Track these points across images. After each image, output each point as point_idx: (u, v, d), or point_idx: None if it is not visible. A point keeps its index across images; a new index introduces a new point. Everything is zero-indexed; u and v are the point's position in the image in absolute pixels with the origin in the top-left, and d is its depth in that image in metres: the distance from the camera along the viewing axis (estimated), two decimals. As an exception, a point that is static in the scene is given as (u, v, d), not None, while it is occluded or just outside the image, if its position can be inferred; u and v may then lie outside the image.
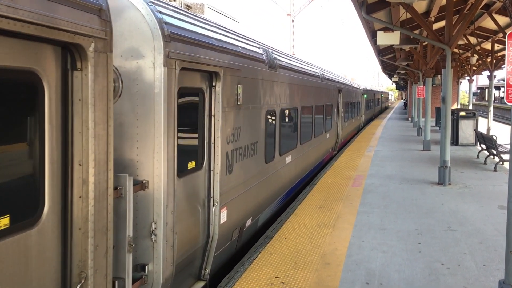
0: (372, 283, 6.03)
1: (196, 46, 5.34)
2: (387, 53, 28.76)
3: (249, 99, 7.19)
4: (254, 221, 7.96)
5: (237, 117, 6.70)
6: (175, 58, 4.80)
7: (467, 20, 12.42)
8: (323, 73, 14.97)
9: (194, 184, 5.62)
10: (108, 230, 3.64)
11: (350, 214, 9.30)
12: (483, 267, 6.63)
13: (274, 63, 8.75)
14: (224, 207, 6.23)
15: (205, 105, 5.85)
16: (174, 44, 4.82)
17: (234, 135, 6.57)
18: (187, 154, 5.45)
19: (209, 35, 5.86)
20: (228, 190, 6.38)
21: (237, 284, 5.91)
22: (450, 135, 13.73)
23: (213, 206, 6.01)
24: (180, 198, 5.19)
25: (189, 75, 5.39)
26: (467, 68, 31.49)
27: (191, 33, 5.33)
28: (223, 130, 6.12)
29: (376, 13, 15.09)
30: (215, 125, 5.98)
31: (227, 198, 6.34)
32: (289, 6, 49.34)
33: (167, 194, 4.76)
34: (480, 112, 45.19)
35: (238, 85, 6.65)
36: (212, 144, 5.96)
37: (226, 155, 6.26)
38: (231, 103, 6.40)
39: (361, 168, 14.92)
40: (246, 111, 7.09)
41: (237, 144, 6.72)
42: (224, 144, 6.17)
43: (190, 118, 5.59)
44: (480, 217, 9.20)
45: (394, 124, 36.41)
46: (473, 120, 21.40)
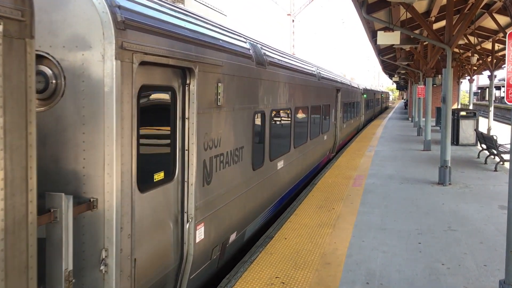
0: (373, 283, 6.02)
1: (162, 36, 4.57)
2: (387, 53, 28.75)
3: (232, 99, 6.46)
4: (240, 235, 7.23)
5: (217, 119, 5.95)
6: (132, 50, 4.03)
7: (467, 19, 12.41)
8: (320, 71, 14.43)
9: (163, 199, 4.85)
10: (30, 268, 2.94)
11: (351, 214, 9.30)
12: (484, 267, 6.62)
13: (263, 59, 7.99)
14: (201, 222, 5.52)
15: (177, 106, 5.10)
16: (130, 33, 4.05)
17: (213, 140, 5.83)
18: (153, 164, 4.71)
19: (180, 25, 5.09)
20: (206, 203, 5.65)
21: (237, 284, 5.91)
22: (451, 135, 13.73)
23: (187, 222, 5.26)
24: (144, 217, 4.44)
25: (155, 71, 4.63)
26: (468, 68, 31.47)
27: (155, 21, 4.53)
28: (199, 135, 5.38)
29: (376, 13, 15.07)
30: (189, 129, 5.22)
31: (205, 212, 5.62)
32: (289, 6, 49.36)
33: (121, 214, 3.97)
34: (481, 112, 45.14)
35: (218, 83, 5.90)
36: (185, 151, 5.23)
37: (203, 163, 5.54)
38: (209, 104, 5.66)
39: (362, 168, 14.91)
40: (229, 113, 6.35)
41: (218, 150, 5.98)
42: (200, 151, 5.43)
43: (158, 122, 4.83)
44: (480, 217, 9.19)
45: (395, 124, 36.40)
46: (473, 120, 21.38)
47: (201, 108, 5.41)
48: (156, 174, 4.72)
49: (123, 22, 3.96)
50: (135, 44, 4.08)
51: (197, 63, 5.25)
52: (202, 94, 5.44)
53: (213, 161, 5.85)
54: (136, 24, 4.16)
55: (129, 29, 4.04)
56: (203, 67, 5.42)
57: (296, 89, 10.59)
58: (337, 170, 14.51)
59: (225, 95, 6.16)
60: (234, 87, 6.50)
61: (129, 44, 3.99)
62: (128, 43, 3.98)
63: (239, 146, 6.83)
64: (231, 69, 6.36)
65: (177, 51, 4.80)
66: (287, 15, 49.39)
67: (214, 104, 5.82)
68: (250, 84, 7.25)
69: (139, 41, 4.15)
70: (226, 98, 6.19)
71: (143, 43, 4.20)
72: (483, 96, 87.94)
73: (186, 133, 5.20)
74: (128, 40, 3.99)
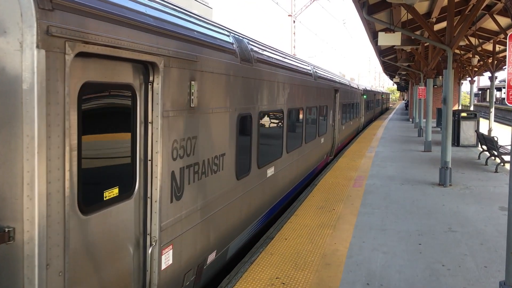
0: (373, 284, 6.02)
1: (113, 22, 3.71)
2: (388, 53, 28.76)
3: (210, 100, 5.63)
4: (221, 253, 6.43)
5: (191, 123, 5.15)
6: (64, 37, 3.18)
7: (468, 21, 12.41)
8: (317, 71, 13.78)
9: (118, 220, 4.04)
10: None
11: (351, 215, 9.30)
12: (484, 268, 6.62)
13: (250, 55, 7.19)
14: (168, 245, 4.72)
15: (138, 108, 4.28)
16: (61, 16, 3.20)
17: (185, 148, 5.04)
18: (102, 179, 3.87)
19: (140, 10, 4.24)
20: (176, 222, 4.87)
21: (238, 284, 5.91)
22: (451, 136, 13.73)
23: (150, 246, 4.45)
24: (89, 245, 3.65)
25: (106, 66, 3.80)
26: (468, 69, 31.48)
27: (102, 3, 3.66)
28: (166, 142, 4.61)
29: (377, 14, 15.08)
30: (152, 136, 4.43)
31: (174, 232, 4.84)
32: (290, 7, 49.34)
33: (48, 247, 3.15)
34: (481, 113, 45.14)
35: (191, 81, 5.11)
36: (148, 161, 4.42)
37: (171, 175, 4.75)
38: (180, 105, 4.88)
39: (362, 169, 14.91)
40: (206, 116, 5.53)
41: (191, 159, 5.19)
42: (168, 161, 4.65)
43: (111, 128, 3.96)
44: (481, 218, 9.19)
45: (395, 125, 36.39)
46: (474, 121, 21.38)
47: (169, 111, 4.66)
48: (107, 191, 3.91)
49: (49, 1, 3.10)
50: (69, 29, 3.23)
51: (163, 57, 4.45)
52: (170, 94, 4.67)
53: (185, 172, 5.06)
54: (70, 4, 3.28)
55: (60, 10, 3.19)
56: (172, 62, 4.64)
57: (290, 89, 9.88)
58: (337, 171, 14.51)
59: (201, 95, 5.38)
60: (212, 86, 5.71)
61: (59, 29, 3.13)
62: (57, 27, 3.12)
63: (219, 153, 6.03)
64: (209, 65, 5.57)
65: (135, 42, 3.97)
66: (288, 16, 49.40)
67: (187, 106, 5.04)
68: (234, 83, 6.44)
69: (76, 27, 3.30)
70: (202, 98, 5.41)
71: (82, 29, 3.35)
72: (484, 97, 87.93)
73: (148, 141, 4.41)
74: (57, 24, 3.14)
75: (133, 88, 4.22)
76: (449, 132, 12.66)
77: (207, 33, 5.71)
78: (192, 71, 5.11)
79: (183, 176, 5.02)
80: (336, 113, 17.56)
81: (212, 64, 5.65)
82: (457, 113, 21.55)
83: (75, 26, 3.31)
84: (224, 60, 6.09)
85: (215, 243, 6.03)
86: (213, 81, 5.71)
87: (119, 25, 3.79)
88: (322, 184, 12.35)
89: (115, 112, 4.01)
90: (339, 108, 18.39)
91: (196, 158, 5.32)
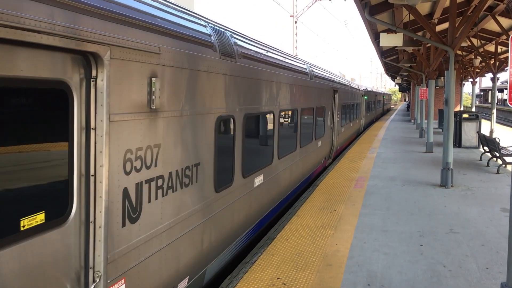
0: (374, 285, 6.02)
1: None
2: (390, 54, 28.74)
3: (178, 100, 4.80)
4: (196, 279, 5.62)
5: (152, 128, 4.33)
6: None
7: (470, 22, 12.41)
8: (313, 69, 12.95)
9: (45, 254, 3.20)
10: None
11: (352, 216, 9.30)
12: (485, 270, 6.61)
13: (232, 50, 6.36)
14: (119, 279, 3.90)
15: (74, 111, 3.44)
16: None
17: (143, 159, 4.20)
18: (18, 203, 3.03)
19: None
20: (130, 250, 4.04)
21: (239, 285, 5.91)
22: (453, 137, 13.72)
23: (92, 283, 3.63)
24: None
25: (22, 56, 2.94)
26: (470, 70, 31.45)
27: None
28: (116, 153, 3.79)
29: (379, 15, 15.08)
30: (96, 145, 3.59)
31: (127, 263, 4.01)
32: (292, 8, 49.38)
33: None
34: (483, 114, 45.13)
35: (151, 77, 4.27)
36: (91, 177, 3.58)
37: (123, 193, 3.93)
38: (135, 107, 4.06)
39: (364, 170, 14.91)
40: (173, 120, 4.71)
41: (152, 172, 4.36)
42: (118, 176, 3.83)
43: (32, 136, 3.12)
44: (482, 220, 9.18)
45: (397, 126, 36.37)
46: (476, 122, 21.37)
47: (119, 114, 3.80)
48: (26, 218, 3.07)
49: None
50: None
51: (109, 47, 3.61)
52: (121, 93, 3.83)
53: (144, 188, 4.23)
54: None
55: None
56: (123, 53, 3.81)
57: (282, 88, 9.06)
58: (339, 171, 14.51)
59: (167, 94, 4.56)
60: (182, 84, 4.87)
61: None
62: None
63: (192, 163, 5.18)
64: (177, 59, 4.75)
65: (67, 26, 3.13)
66: (289, 16, 49.43)
67: (145, 108, 4.20)
68: (211, 81, 5.62)
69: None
70: (167, 98, 4.58)
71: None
72: (485, 99, 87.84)
73: (91, 151, 3.56)
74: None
75: (68, 85, 3.37)
76: (450, 133, 12.65)
77: (177, 22, 4.89)
78: (152, 65, 4.27)
79: (141, 193, 4.19)
80: (334, 115, 16.72)
81: (181, 58, 4.82)
82: (458, 114, 21.54)
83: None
84: (198, 54, 5.26)
85: (186, 268, 5.18)
86: (183, 78, 4.88)
87: (42, 3, 2.97)
88: (323, 185, 12.34)
89: (39, 117, 3.18)
90: (338, 109, 17.56)
91: (159, 170, 4.46)
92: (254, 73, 7.34)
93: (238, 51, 6.61)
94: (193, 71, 5.12)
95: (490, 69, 23.62)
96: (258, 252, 7.10)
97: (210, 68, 5.58)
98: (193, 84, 5.14)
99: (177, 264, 4.92)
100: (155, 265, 4.46)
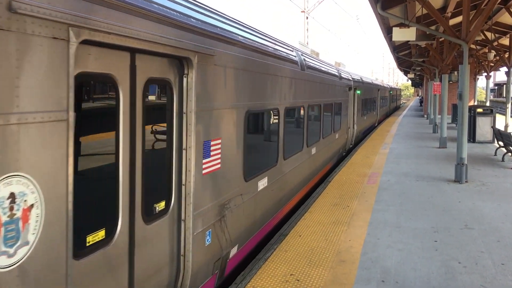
0: (388, 281, 5.99)
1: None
2: (402, 49, 28.49)
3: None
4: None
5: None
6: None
7: (484, 15, 12.24)
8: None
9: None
10: None
11: (365, 212, 9.25)
12: (501, 266, 6.54)
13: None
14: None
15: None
16: None
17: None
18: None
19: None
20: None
21: (252, 281, 5.92)
22: (467, 132, 13.57)
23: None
24: None
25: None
26: (484, 64, 31.07)
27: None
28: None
29: (391, 9, 14.94)
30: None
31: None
32: (303, 3, 49.15)
33: None
34: (498, 108, 44.56)
35: None
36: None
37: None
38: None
39: (376, 166, 14.82)
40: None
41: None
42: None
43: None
44: (497, 215, 9.08)
45: (410, 121, 36.09)
46: (490, 117, 21.13)
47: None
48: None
49: None
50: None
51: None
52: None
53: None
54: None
55: None
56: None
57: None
58: (351, 167, 14.44)
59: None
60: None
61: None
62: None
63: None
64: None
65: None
66: (301, 12, 49.22)
67: None
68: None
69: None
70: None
71: None
72: (500, 93, 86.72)
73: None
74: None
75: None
76: (464, 128, 12.51)
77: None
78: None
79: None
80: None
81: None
82: (473, 109, 21.31)
83: None
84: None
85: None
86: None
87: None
88: (336, 180, 12.30)
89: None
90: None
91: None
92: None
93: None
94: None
95: (504, 63, 23.30)
96: (271, 249, 7.10)
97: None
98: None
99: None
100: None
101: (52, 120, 2.85)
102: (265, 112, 7.49)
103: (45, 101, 2.79)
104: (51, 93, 2.84)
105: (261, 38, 7.56)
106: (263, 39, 7.66)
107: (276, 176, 8.19)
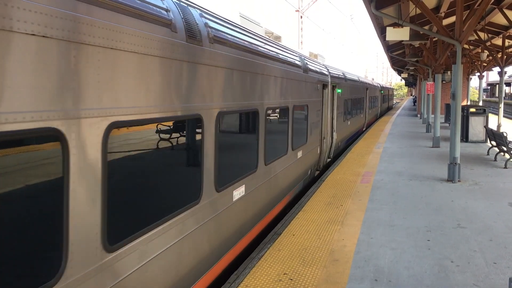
0: (381, 280, 6.00)
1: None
2: (396, 49, 28.57)
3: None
4: None
5: None
6: None
7: (477, 15, 12.29)
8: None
9: None
10: None
11: (359, 211, 9.27)
12: (493, 265, 6.58)
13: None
14: None
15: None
16: None
17: None
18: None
19: None
20: None
21: (246, 280, 5.92)
22: (460, 132, 13.63)
23: None
24: None
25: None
26: (477, 64, 31.22)
27: None
28: None
29: (385, 9, 14.97)
30: None
31: None
32: (297, 2, 49.22)
33: None
34: (491, 108, 44.84)
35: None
36: None
37: None
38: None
39: (370, 165, 14.86)
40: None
41: None
42: None
43: None
44: (490, 214, 9.13)
45: (403, 121, 36.22)
46: (483, 117, 21.24)
47: None
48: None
49: None
50: None
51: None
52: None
53: None
54: None
55: None
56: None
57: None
58: (345, 166, 14.47)
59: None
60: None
61: None
62: None
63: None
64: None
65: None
66: (295, 11, 49.26)
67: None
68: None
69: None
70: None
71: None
72: (493, 93, 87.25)
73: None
74: None
75: None
76: (457, 127, 12.57)
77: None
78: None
79: None
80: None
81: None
82: (466, 109, 21.41)
83: None
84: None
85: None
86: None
87: None
88: (329, 179, 12.32)
89: None
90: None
91: None
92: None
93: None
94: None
95: (497, 63, 23.43)
96: (264, 248, 7.10)
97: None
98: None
99: None
100: None
101: None
102: None
103: None
104: None
105: None
106: None
107: None
